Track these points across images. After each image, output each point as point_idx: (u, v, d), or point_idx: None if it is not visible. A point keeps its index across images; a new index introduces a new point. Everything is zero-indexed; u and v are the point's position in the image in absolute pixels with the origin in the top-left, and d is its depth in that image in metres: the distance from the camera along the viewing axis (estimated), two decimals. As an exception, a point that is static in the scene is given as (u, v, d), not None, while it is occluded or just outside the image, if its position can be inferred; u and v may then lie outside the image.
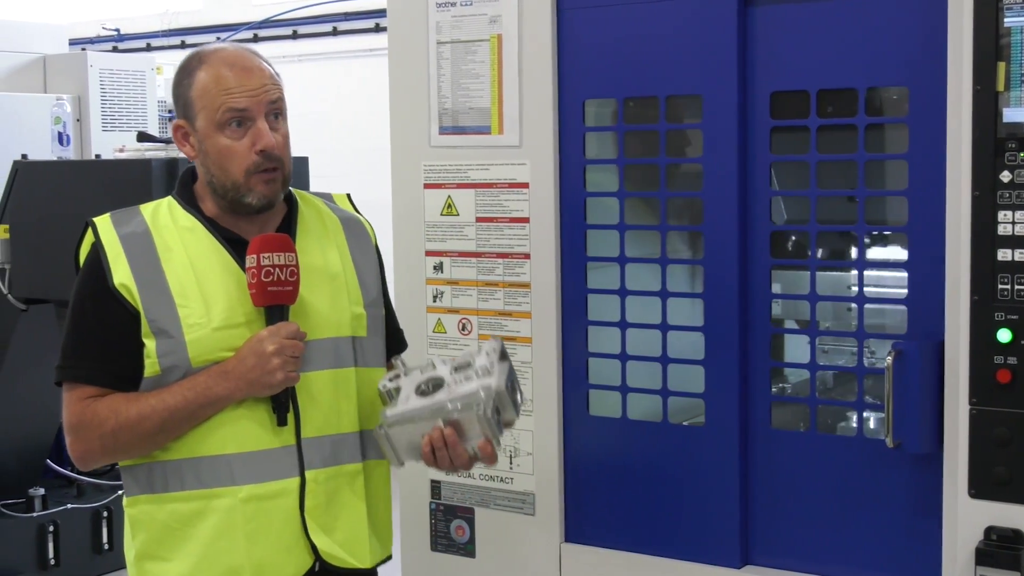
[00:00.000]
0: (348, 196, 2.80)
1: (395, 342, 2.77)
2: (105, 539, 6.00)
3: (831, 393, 3.23)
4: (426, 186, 3.22)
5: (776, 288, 2.93)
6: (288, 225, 2.58)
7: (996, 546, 2.47)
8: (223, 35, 9.67)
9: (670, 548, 2.98)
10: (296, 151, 2.75)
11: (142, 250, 2.47)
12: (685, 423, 3.05)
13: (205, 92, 2.46)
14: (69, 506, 5.86)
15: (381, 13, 8.40)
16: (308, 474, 2.49)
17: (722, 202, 2.86)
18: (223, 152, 2.46)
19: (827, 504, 2.82)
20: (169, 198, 2.59)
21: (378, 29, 8.99)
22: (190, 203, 2.55)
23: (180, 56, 2.65)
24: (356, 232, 2.70)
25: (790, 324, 3.18)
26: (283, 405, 2.46)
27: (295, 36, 9.56)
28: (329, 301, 2.56)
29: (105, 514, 5.99)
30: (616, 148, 3.05)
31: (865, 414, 2.88)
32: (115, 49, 10.30)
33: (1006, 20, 2.41)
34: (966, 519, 2.52)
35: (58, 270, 5.31)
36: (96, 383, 2.47)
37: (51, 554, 5.78)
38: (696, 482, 2.95)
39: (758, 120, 2.83)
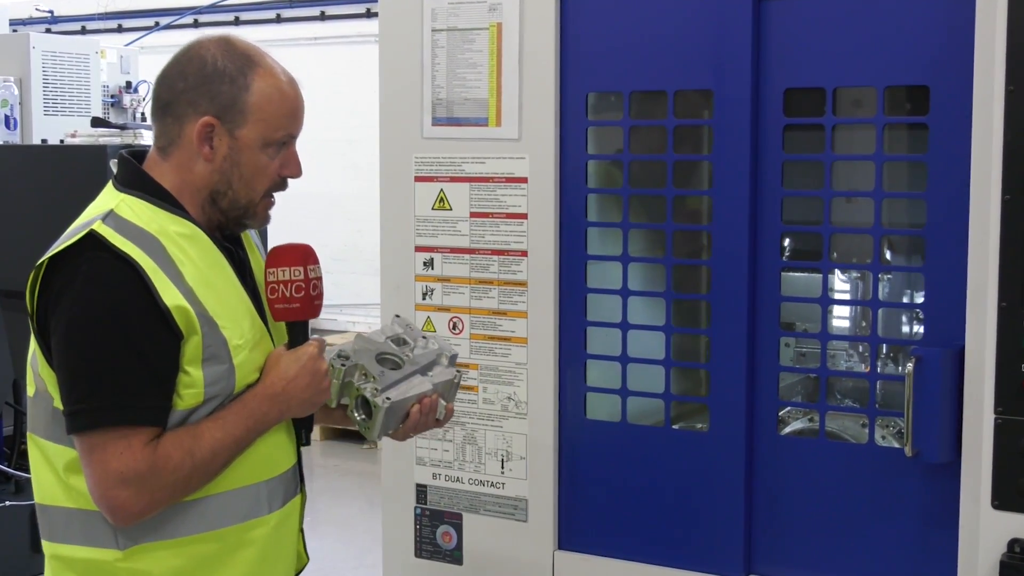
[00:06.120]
0: None
1: None
2: (44, 537, 5.80)
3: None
4: (417, 179, 3.09)
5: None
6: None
7: (1021, 559, 2.41)
8: (162, 20, 9.42)
9: (669, 557, 2.89)
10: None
11: (166, 264, 2.15)
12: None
13: (268, 105, 2.24)
14: (7, 503, 5.65)
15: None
16: (303, 487, 2.45)
17: (732, 201, 2.76)
18: (259, 169, 2.27)
19: (835, 513, 2.74)
20: (131, 198, 2.21)
21: (369, 15, 8.75)
22: (169, 202, 2.23)
23: (119, 40, 2.48)
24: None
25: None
26: (309, 425, 2.36)
27: (279, 20, 9.22)
28: None
29: (45, 512, 5.79)
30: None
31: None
32: (48, 31, 10.01)
33: (1042, 19, 2.35)
34: (988, 531, 2.45)
35: (9, 256, 5.17)
36: (159, 423, 2.13)
37: (-12, 551, 5.57)
38: (698, 489, 2.85)
39: (771, 117, 2.74)
